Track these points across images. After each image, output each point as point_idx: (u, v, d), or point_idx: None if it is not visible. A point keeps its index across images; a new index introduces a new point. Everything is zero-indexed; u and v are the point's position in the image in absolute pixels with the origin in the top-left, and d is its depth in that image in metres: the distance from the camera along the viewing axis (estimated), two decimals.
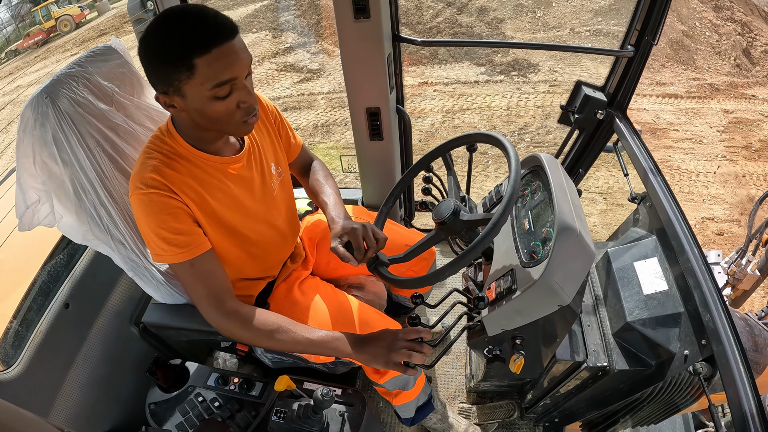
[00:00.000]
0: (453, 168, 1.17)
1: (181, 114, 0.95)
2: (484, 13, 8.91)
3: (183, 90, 0.89)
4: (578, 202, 1.00)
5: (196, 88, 0.88)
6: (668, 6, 1.32)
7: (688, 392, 1.06)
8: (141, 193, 0.96)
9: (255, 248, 1.19)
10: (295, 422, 1.20)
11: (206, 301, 1.03)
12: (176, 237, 0.98)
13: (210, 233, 1.07)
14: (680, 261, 1.10)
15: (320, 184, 1.34)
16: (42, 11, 14.91)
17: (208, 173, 1.05)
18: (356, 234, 1.09)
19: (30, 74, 11.92)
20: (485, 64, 7.61)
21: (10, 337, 1.19)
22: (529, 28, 8.66)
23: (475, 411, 1.63)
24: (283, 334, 1.04)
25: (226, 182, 1.08)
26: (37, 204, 1.06)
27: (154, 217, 0.97)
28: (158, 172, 0.97)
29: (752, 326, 1.25)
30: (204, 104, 0.90)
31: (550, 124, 6.14)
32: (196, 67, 0.85)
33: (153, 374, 1.32)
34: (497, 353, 1.03)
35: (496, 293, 0.96)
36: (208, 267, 1.04)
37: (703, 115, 6.51)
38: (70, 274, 1.34)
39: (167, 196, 0.97)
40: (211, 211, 1.06)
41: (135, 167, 1.00)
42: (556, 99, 6.71)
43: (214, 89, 0.88)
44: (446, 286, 2.01)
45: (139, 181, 0.97)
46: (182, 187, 1.00)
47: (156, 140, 1.03)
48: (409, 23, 8.82)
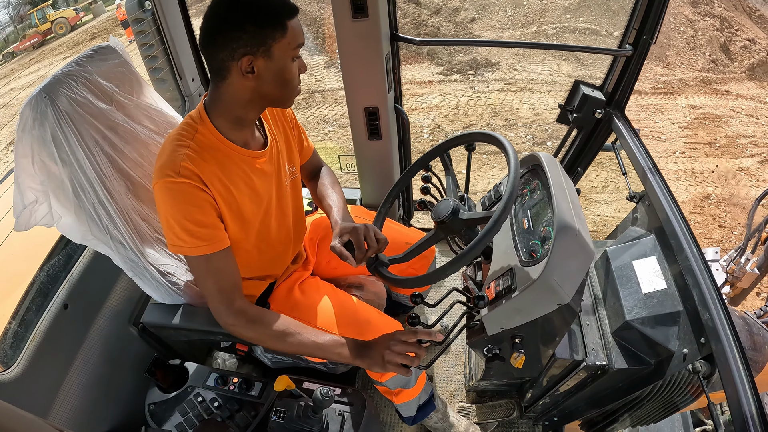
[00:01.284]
0: (451, 167, 1.17)
1: (248, 84, 0.98)
2: (456, 13, 8.95)
3: (272, 50, 0.95)
4: (577, 201, 1.00)
5: (284, 48, 0.96)
6: (666, 5, 1.32)
7: (687, 391, 1.07)
8: (171, 181, 0.96)
9: (266, 245, 1.20)
10: (295, 422, 1.20)
11: (216, 298, 1.04)
12: (200, 230, 0.99)
13: (229, 226, 1.07)
14: (679, 260, 1.10)
15: (327, 189, 1.36)
16: (38, 14, 15.07)
17: (236, 164, 1.06)
18: (357, 233, 1.10)
19: (24, 77, 11.97)
20: (445, 63, 7.66)
21: (9, 338, 1.18)
22: (498, 27, 8.72)
23: (474, 410, 1.63)
24: (290, 337, 1.05)
25: (251, 175, 1.09)
26: (35, 204, 1.05)
27: (182, 206, 0.97)
28: (192, 161, 0.97)
29: (751, 325, 1.25)
30: (286, 63, 0.98)
31: (496, 122, 6.19)
32: (288, 28, 0.95)
33: (152, 374, 1.32)
34: (497, 352, 1.04)
35: (496, 292, 0.96)
36: (224, 264, 1.04)
37: (666, 112, 6.50)
38: (69, 275, 1.33)
39: (197, 188, 0.98)
40: (234, 202, 1.07)
41: (163, 153, 1.00)
42: (509, 97, 6.74)
43: (295, 49, 0.98)
44: (445, 286, 2.01)
45: (170, 168, 0.96)
46: (212, 179, 1.01)
47: (187, 127, 1.03)
48: None
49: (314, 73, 7.92)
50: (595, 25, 8.15)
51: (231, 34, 0.92)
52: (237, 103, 1.02)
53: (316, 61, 8.24)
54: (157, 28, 1.64)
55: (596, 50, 1.78)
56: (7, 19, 15.92)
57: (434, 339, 1.00)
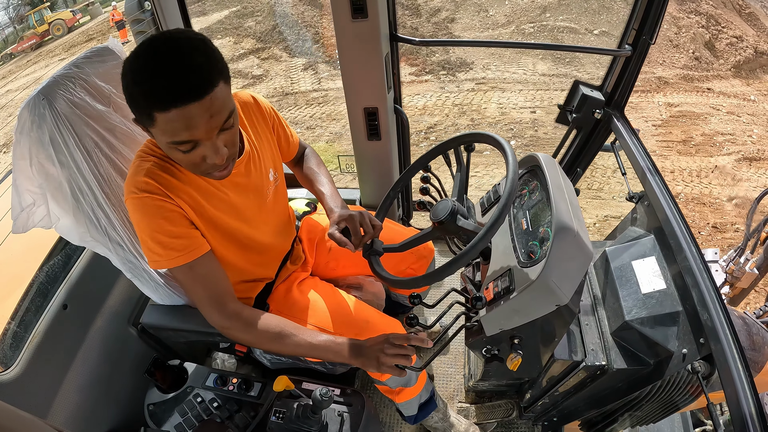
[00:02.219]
0: (464, 164, 1.16)
1: None
2: (436, 13, 8.97)
3: (150, 129, 0.86)
4: (576, 202, 1.00)
5: (157, 136, 0.86)
6: (666, 5, 1.32)
7: (687, 391, 1.06)
8: (135, 197, 0.95)
9: (251, 253, 1.19)
10: (294, 422, 1.20)
11: (208, 304, 1.03)
12: (173, 240, 0.98)
13: (207, 238, 1.06)
14: (678, 260, 1.10)
15: (314, 173, 1.35)
16: (35, 15, 15.21)
17: (204, 180, 1.04)
18: (353, 220, 1.11)
19: (20, 79, 12.04)
20: (419, 64, 7.70)
21: (8, 339, 1.18)
22: (478, 27, 8.75)
23: (473, 410, 1.63)
24: (286, 338, 1.04)
25: (223, 189, 1.07)
26: (32, 206, 1.05)
27: (149, 221, 0.96)
28: (152, 175, 0.96)
29: (750, 325, 1.25)
30: (167, 149, 0.89)
31: (462, 122, 6.22)
32: (155, 119, 0.81)
33: (151, 375, 1.32)
34: (495, 353, 1.03)
35: (494, 293, 0.96)
36: (208, 269, 1.03)
37: (641, 110, 6.47)
38: (68, 275, 1.33)
39: (161, 200, 0.96)
40: (209, 216, 1.05)
41: (129, 171, 0.99)
42: (478, 97, 6.76)
43: (173, 144, 0.86)
44: (444, 286, 2.01)
45: (132, 185, 0.96)
46: (177, 191, 0.99)
47: (151, 144, 1.02)
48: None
49: (291, 75, 8.01)
50: (574, 23, 8.17)
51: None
52: None
53: (294, 64, 8.33)
54: (157, 29, 1.64)
55: (596, 50, 1.78)
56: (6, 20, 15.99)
57: (425, 346, 1.00)
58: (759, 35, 8.29)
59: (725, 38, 7.91)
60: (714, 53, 7.75)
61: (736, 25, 8.18)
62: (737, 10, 8.60)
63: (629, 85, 1.52)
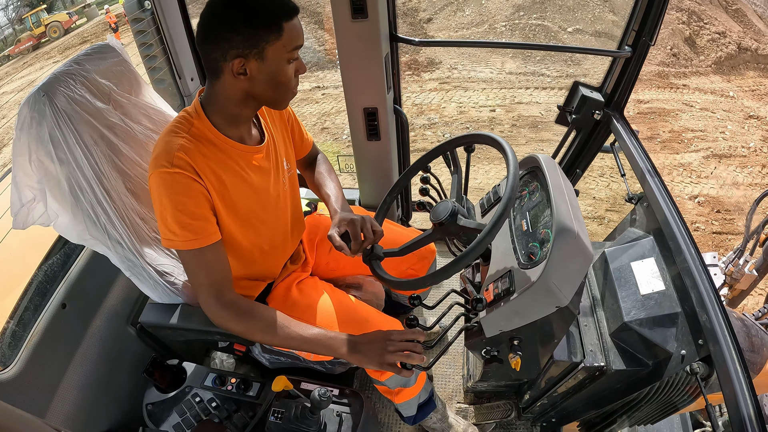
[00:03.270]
0: (459, 166, 1.16)
1: (241, 85, 0.97)
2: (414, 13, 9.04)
3: (266, 52, 0.93)
4: (576, 203, 1.00)
5: (279, 50, 0.94)
6: (665, 7, 1.32)
7: (686, 392, 1.07)
8: (165, 171, 0.95)
9: (263, 241, 1.20)
10: (293, 422, 1.20)
11: (206, 290, 1.04)
12: (192, 222, 0.98)
13: (225, 222, 1.07)
14: (677, 261, 1.10)
15: (324, 178, 1.37)
16: (32, 18, 15.42)
17: (232, 159, 1.06)
18: (355, 224, 1.11)
19: (16, 81, 12.08)
20: None
21: (6, 337, 1.18)
22: (454, 27, 8.81)
23: (472, 411, 1.63)
24: (277, 329, 1.04)
25: (248, 171, 1.09)
26: (32, 203, 1.05)
27: (175, 197, 0.96)
28: (186, 152, 0.97)
29: (749, 326, 1.25)
30: (280, 66, 0.96)
31: (419, 121, 6.26)
32: (284, 30, 0.92)
33: (150, 374, 1.32)
34: (495, 354, 1.03)
35: (494, 294, 0.96)
36: (215, 257, 1.04)
37: None
38: (67, 274, 1.33)
39: (191, 178, 0.97)
40: (230, 198, 1.06)
41: (159, 145, 0.99)
42: (438, 96, 6.81)
43: (291, 51, 0.96)
44: (444, 287, 2.01)
45: (164, 158, 0.95)
46: (206, 171, 1.00)
47: (183, 120, 1.02)
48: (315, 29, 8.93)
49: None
50: (548, 21, 8.21)
51: (223, 35, 0.91)
52: (230, 101, 1.01)
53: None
54: (157, 28, 1.64)
55: (595, 51, 1.78)
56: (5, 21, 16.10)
57: (419, 339, 1.01)
58: (745, 32, 8.23)
59: (707, 34, 7.87)
60: (694, 49, 7.74)
61: (720, 21, 8.13)
62: (723, 7, 8.55)
63: (629, 87, 1.53)
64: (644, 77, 6.98)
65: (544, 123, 6.07)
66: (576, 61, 7.32)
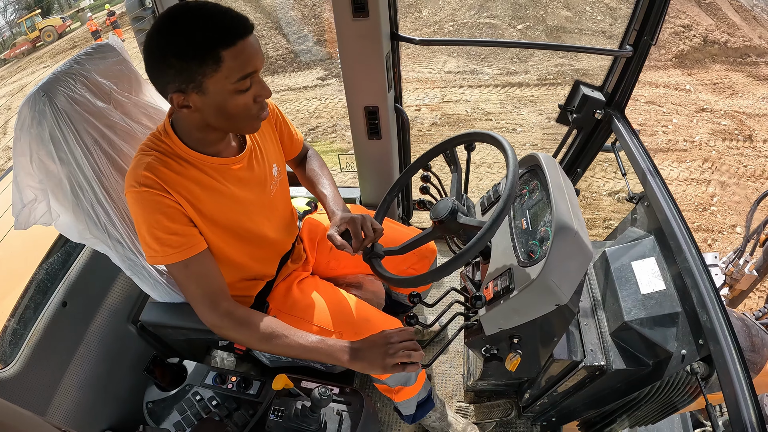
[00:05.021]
0: (459, 165, 1.16)
1: (192, 115, 0.94)
2: None
3: (205, 85, 0.87)
4: (576, 202, 1.00)
5: (220, 82, 0.87)
6: (667, 6, 1.32)
7: (686, 392, 1.07)
8: (134, 191, 0.95)
9: (252, 249, 1.19)
10: (293, 421, 1.20)
11: (200, 302, 1.03)
12: (170, 237, 0.98)
13: (207, 234, 1.06)
14: (678, 261, 1.10)
15: (316, 174, 1.35)
16: (27, 22, 15.83)
17: (206, 174, 1.04)
18: (355, 223, 1.11)
19: (8, 85, 12.20)
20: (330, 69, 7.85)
21: (7, 336, 1.18)
22: (410, 28, 8.90)
23: (472, 410, 1.63)
24: (276, 339, 1.03)
25: (225, 183, 1.07)
26: (34, 203, 1.05)
27: (148, 216, 0.96)
28: (152, 170, 0.96)
29: (749, 326, 1.25)
30: (226, 98, 0.90)
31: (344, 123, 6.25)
32: (222, 59, 0.84)
33: (151, 373, 1.32)
34: (494, 352, 1.03)
35: (494, 292, 0.96)
36: (203, 268, 1.03)
37: (541, 102, 6.30)
38: (68, 273, 1.33)
39: (159, 195, 0.96)
40: (208, 211, 1.05)
41: (131, 165, 1.00)
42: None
43: (238, 82, 0.88)
44: (444, 285, 2.01)
45: (132, 178, 0.96)
46: (176, 186, 0.99)
47: (154, 138, 1.02)
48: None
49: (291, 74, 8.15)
50: (497, 19, 8.23)
51: (158, 66, 0.87)
52: (192, 128, 1.00)
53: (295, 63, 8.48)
54: None
55: (596, 51, 1.78)
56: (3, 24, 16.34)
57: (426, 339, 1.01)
58: (717, 25, 8.08)
59: (670, 28, 7.75)
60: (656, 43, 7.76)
61: (688, 14, 8.01)
62: (696, 1, 8.45)
63: (630, 86, 1.53)
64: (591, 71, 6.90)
65: (468, 120, 6.04)
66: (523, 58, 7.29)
